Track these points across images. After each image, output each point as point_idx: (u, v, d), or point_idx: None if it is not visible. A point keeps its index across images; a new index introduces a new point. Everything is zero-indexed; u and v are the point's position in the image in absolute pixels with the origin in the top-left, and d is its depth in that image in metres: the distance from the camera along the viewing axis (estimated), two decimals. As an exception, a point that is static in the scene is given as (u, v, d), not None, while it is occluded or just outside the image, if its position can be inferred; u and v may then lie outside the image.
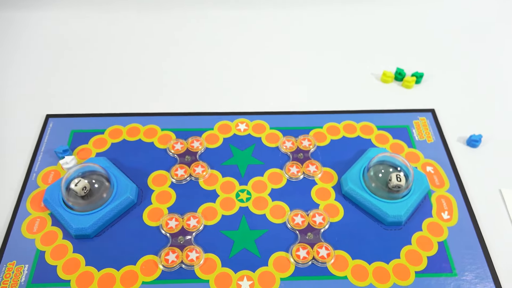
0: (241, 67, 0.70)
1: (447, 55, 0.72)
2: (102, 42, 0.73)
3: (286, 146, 0.58)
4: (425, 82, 0.68)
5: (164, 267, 0.47)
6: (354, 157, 0.57)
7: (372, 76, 0.69)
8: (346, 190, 0.52)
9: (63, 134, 0.59)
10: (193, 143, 0.58)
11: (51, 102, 0.63)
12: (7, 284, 0.45)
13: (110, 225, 0.50)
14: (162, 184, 0.54)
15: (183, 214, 0.51)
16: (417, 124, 0.61)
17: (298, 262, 0.47)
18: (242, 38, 0.75)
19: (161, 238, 0.49)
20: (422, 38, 0.76)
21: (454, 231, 0.50)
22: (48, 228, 0.50)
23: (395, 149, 0.58)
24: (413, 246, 0.49)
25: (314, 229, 0.50)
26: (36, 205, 0.51)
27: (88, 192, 0.49)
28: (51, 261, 0.47)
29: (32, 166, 0.55)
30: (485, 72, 0.70)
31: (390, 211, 0.49)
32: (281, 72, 0.69)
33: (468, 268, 0.47)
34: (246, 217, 0.51)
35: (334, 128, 0.60)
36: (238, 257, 0.48)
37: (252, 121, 0.61)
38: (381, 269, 0.47)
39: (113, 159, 0.56)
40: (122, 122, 0.60)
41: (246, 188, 0.53)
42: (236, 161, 0.56)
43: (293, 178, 0.54)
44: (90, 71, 0.68)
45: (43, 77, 0.68)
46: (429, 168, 0.56)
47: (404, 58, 0.71)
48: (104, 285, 0.45)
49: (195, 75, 0.68)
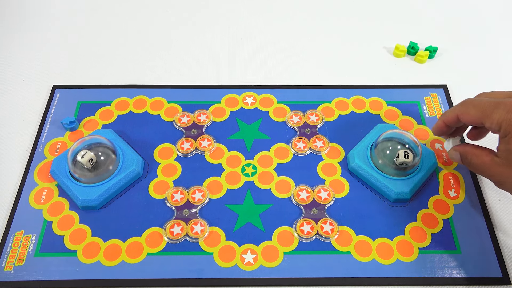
0: (249, 39, 0.69)
1: (463, 30, 0.70)
2: (110, 12, 0.73)
3: (293, 120, 0.57)
4: (439, 57, 0.66)
5: (169, 239, 0.47)
6: (362, 133, 0.56)
7: (384, 49, 0.67)
8: (352, 166, 0.52)
9: (70, 105, 0.59)
10: (200, 116, 0.57)
11: (58, 73, 0.63)
12: (16, 252, 0.46)
13: (116, 197, 0.50)
14: (168, 157, 0.54)
15: (188, 188, 0.51)
16: (428, 100, 0.59)
17: (302, 237, 0.47)
18: (251, 10, 0.73)
19: (166, 210, 0.49)
20: (438, 11, 0.73)
21: (460, 208, 0.50)
22: (55, 198, 0.50)
23: (404, 125, 0.57)
24: (418, 223, 0.48)
25: (319, 204, 0.50)
26: (43, 176, 0.52)
27: (94, 164, 0.49)
28: (58, 231, 0.48)
29: (39, 137, 0.55)
30: (501, 49, 0.68)
31: (396, 188, 0.49)
32: (290, 45, 0.68)
33: (473, 246, 0.47)
34: (251, 191, 0.51)
35: (343, 103, 0.59)
36: (243, 231, 0.48)
37: (259, 95, 0.60)
38: (384, 245, 0.47)
39: (120, 131, 0.56)
40: (129, 94, 0.60)
41: (252, 163, 0.53)
42: (243, 135, 0.56)
43: (300, 153, 0.54)
44: (97, 42, 0.68)
45: (50, 47, 0.67)
46: (438, 145, 0.55)
47: (418, 32, 0.70)
48: (110, 256, 0.46)
49: (202, 47, 0.67)
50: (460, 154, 0.48)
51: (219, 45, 0.68)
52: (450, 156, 0.50)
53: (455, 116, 0.47)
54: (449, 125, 0.49)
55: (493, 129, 0.43)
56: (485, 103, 0.43)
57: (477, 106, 0.44)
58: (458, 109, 0.46)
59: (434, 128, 0.51)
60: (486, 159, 0.45)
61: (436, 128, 0.50)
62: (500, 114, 0.41)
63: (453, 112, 0.47)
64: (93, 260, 0.46)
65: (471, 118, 0.45)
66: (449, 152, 0.50)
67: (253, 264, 0.46)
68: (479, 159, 0.46)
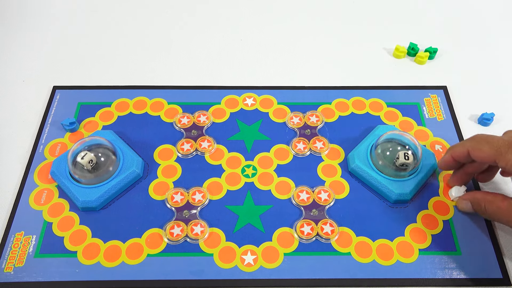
0: (249, 40, 0.69)
1: (463, 31, 0.70)
2: (110, 13, 0.73)
3: (293, 121, 0.57)
4: (439, 58, 0.66)
5: (169, 240, 0.47)
6: (362, 134, 0.56)
7: (384, 50, 0.67)
8: (352, 167, 0.52)
9: (70, 106, 0.59)
10: (200, 117, 0.57)
11: (58, 74, 0.63)
12: (16, 253, 0.46)
13: (116, 198, 0.50)
14: (168, 158, 0.54)
15: (188, 189, 0.51)
16: (428, 102, 0.60)
17: (302, 238, 0.47)
18: (251, 11, 0.73)
19: (166, 211, 0.49)
20: (438, 12, 0.73)
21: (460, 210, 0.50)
22: (55, 200, 0.50)
23: (404, 126, 0.57)
24: (418, 224, 0.48)
25: (319, 205, 0.50)
26: (43, 177, 0.52)
27: (94, 166, 0.49)
28: (58, 232, 0.48)
29: (39, 138, 0.55)
30: (501, 50, 0.68)
31: (396, 189, 0.49)
32: (291, 46, 0.68)
33: (473, 247, 0.47)
34: (251, 192, 0.51)
35: (343, 104, 0.59)
36: (243, 232, 0.48)
37: (259, 96, 0.60)
38: (384, 246, 0.47)
39: (120, 132, 0.56)
40: (129, 95, 0.60)
41: (252, 164, 0.53)
42: (243, 136, 0.56)
43: (300, 154, 0.54)
44: (97, 43, 0.68)
45: (50, 48, 0.67)
46: (437, 146, 0.55)
47: (418, 33, 0.70)
48: (110, 257, 0.46)
49: (203, 48, 0.67)
50: (471, 203, 0.47)
51: (219, 46, 0.68)
52: (460, 206, 0.48)
53: (465, 152, 0.45)
54: (458, 160, 0.46)
55: (508, 169, 0.41)
56: (499, 141, 0.42)
57: (491, 144, 0.42)
58: (469, 144, 0.44)
59: (441, 162, 0.49)
60: (502, 204, 0.43)
61: (443, 162, 0.48)
62: None
63: (464, 147, 0.45)
64: (93, 261, 0.46)
65: (483, 155, 0.42)
66: (458, 202, 0.49)
67: (253, 265, 0.46)
68: (494, 205, 0.44)
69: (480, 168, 0.48)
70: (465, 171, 0.49)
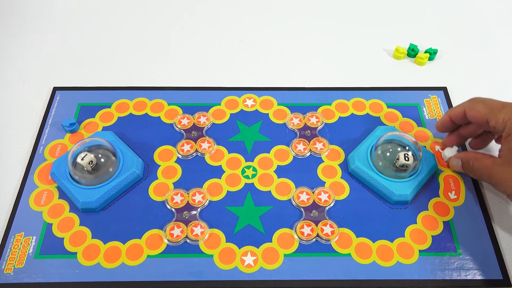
0: (249, 41, 0.69)
1: (463, 32, 0.70)
2: (110, 14, 0.73)
3: (293, 122, 0.57)
4: (439, 59, 0.66)
5: (169, 241, 0.47)
6: (362, 135, 0.56)
7: (384, 52, 0.67)
8: (352, 168, 0.52)
9: (70, 107, 0.59)
10: (200, 118, 0.57)
11: (58, 75, 0.63)
12: (16, 254, 0.46)
13: (116, 199, 0.50)
14: (168, 159, 0.54)
15: (188, 190, 0.51)
16: (428, 103, 0.59)
17: (302, 239, 0.47)
18: (251, 12, 0.73)
19: (166, 213, 0.49)
20: (438, 13, 0.73)
21: (461, 211, 0.50)
22: (55, 200, 0.50)
23: (404, 127, 0.57)
24: (418, 225, 0.48)
25: (319, 206, 0.50)
26: (43, 178, 0.52)
27: (94, 167, 0.49)
28: (58, 233, 0.48)
29: (39, 139, 0.55)
30: (501, 51, 0.68)
31: (396, 190, 0.49)
32: (291, 47, 0.68)
33: (473, 248, 0.47)
34: (251, 193, 0.51)
35: (343, 105, 0.59)
36: (243, 233, 0.48)
37: (260, 97, 0.60)
38: (385, 247, 0.47)
39: (120, 133, 0.56)
40: (129, 96, 0.60)
41: (252, 165, 0.53)
42: (243, 137, 0.56)
43: (300, 155, 0.54)
44: (98, 44, 0.68)
45: (50, 49, 0.67)
46: (437, 147, 0.55)
47: (418, 34, 0.70)
48: (110, 258, 0.46)
49: (203, 49, 0.67)
50: (461, 161, 0.49)
51: (219, 47, 0.68)
52: (451, 164, 0.51)
53: (462, 111, 0.48)
54: (454, 120, 0.49)
55: (498, 128, 0.44)
56: (493, 102, 0.45)
57: (486, 103, 0.45)
58: (467, 104, 0.47)
59: (439, 123, 0.52)
60: (487, 161, 0.46)
61: (441, 123, 0.51)
62: (506, 114, 0.43)
63: (461, 107, 0.48)
64: (93, 262, 0.46)
65: (477, 114, 0.46)
66: (450, 160, 0.51)
67: (253, 266, 0.46)
68: (480, 162, 0.47)
69: (475, 132, 0.51)
70: (460, 133, 0.51)
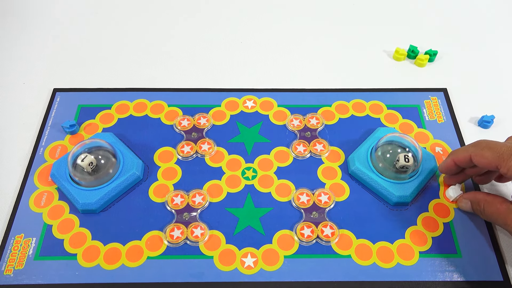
0: (249, 43, 0.69)
1: (463, 34, 0.70)
2: (110, 16, 0.73)
3: (293, 124, 0.57)
4: (439, 60, 0.66)
5: (169, 242, 0.47)
6: (362, 136, 0.56)
7: (384, 53, 0.67)
8: (352, 170, 0.52)
9: (70, 108, 0.59)
10: (200, 119, 0.57)
11: (58, 76, 0.63)
12: (16, 256, 0.46)
13: (116, 201, 0.50)
14: (168, 161, 0.54)
15: (188, 191, 0.51)
16: (428, 104, 0.59)
17: (302, 241, 0.47)
18: (251, 14, 0.73)
19: (166, 214, 0.49)
20: (438, 14, 0.73)
21: (461, 212, 0.49)
22: (55, 202, 0.50)
23: (405, 129, 0.57)
24: (418, 227, 0.48)
25: (319, 208, 0.49)
26: (43, 180, 0.52)
27: (94, 168, 0.49)
28: (58, 235, 0.48)
29: (39, 140, 0.55)
30: (501, 53, 0.68)
31: (397, 191, 0.49)
32: (291, 49, 0.68)
33: (473, 250, 0.47)
34: (251, 195, 0.51)
35: (343, 107, 0.59)
36: (243, 234, 0.48)
37: (260, 98, 0.60)
38: (385, 249, 0.47)
39: (120, 135, 0.56)
40: (129, 98, 0.60)
41: (252, 166, 0.53)
42: (243, 138, 0.56)
43: (300, 156, 0.54)
44: (98, 45, 0.68)
45: (50, 51, 0.67)
46: (438, 148, 0.55)
47: (418, 35, 0.70)
48: (110, 259, 0.46)
49: (203, 51, 0.67)
50: (471, 202, 0.47)
51: (219, 49, 0.68)
52: (460, 205, 0.49)
53: (467, 157, 0.45)
54: (459, 165, 0.47)
55: (509, 176, 0.41)
56: (502, 147, 0.42)
57: (494, 150, 0.42)
58: (472, 150, 0.44)
59: (442, 166, 0.49)
60: (501, 207, 0.43)
61: (445, 166, 0.48)
62: None
63: (466, 152, 0.45)
64: (93, 263, 0.46)
65: (486, 161, 0.42)
66: (458, 200, 0.49)
67: (253, 268, 0.46)
68: (493, 207, 0.44)
69: (479, 172, 0.49)
70: (464, 173, 0.49)
